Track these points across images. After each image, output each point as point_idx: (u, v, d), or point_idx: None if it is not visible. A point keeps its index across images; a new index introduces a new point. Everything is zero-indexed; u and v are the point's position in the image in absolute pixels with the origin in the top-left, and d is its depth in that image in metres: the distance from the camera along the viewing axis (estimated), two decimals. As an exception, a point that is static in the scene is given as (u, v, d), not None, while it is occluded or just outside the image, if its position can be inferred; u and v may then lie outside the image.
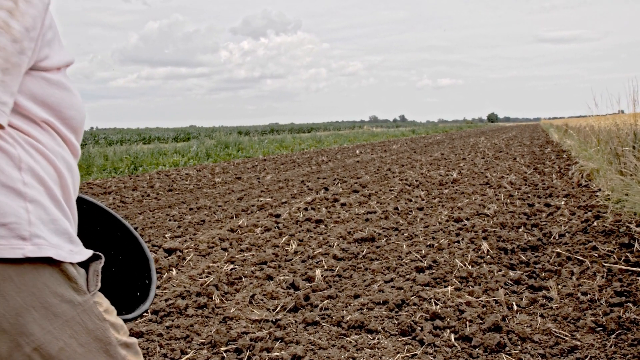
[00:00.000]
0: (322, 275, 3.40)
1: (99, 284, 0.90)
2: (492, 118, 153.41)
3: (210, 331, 2.69)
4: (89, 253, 0.89)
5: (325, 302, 2.94)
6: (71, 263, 0.84)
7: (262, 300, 3.09)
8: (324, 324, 2.65)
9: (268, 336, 2.55)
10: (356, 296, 3.02)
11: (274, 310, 2.95)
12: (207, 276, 3.54)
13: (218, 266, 3.80)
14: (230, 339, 2.56)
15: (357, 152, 16.54)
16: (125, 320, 1.02)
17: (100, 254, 0.92)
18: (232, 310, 2.94)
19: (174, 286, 3.38)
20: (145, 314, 2.88)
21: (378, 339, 2.44)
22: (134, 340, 0.95)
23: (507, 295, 2.94)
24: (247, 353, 2.40)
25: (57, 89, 0.91)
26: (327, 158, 14.10)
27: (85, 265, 0.89)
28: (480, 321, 2.56)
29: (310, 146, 21.37)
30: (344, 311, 2.79)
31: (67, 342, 0.82)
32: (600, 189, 6.33)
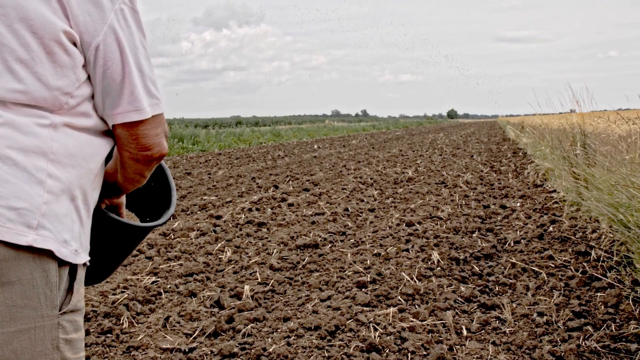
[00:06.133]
0: (251, 292, 3.00)
1: (71, 306, 0.83)
2: (452, 114, 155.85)
3: (109, 365, 2.25)
4: (87, 258, 0.86)
5: (250, 326, 2.54)
6: (58, 267, 0.80)
7: (178, 323, 2.67)
8: (241, 357, 2.24)
9: (174, 373, 2.14)
10: (286, 319, 2.63)
11: (190, 336, 2.53)
12: (121, 292, 3.09)
13: (138, 279, 3.34)
14: (129, 377, 2.14)
15: (316, 147, 16.16)
16: (156, 227, 1.07)
17: (86, 262, 0.87)
18: (140, 337, 2.51)
19: (79, 305, 2.91)
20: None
21: (303, 377, 2.06)
22: None
23: (456, 317, 2.61)
24: (145, 397, 1.98)
25: None
26: (283, 153, 13.66)
27: (69, 282, 0.84)
28: (424, 352, 2.22)
29: (269, 140, 20.84)
30: (269, 339, 2.40)
31: (7, 358, 0.73)
32: (555, 190, 6.17)
